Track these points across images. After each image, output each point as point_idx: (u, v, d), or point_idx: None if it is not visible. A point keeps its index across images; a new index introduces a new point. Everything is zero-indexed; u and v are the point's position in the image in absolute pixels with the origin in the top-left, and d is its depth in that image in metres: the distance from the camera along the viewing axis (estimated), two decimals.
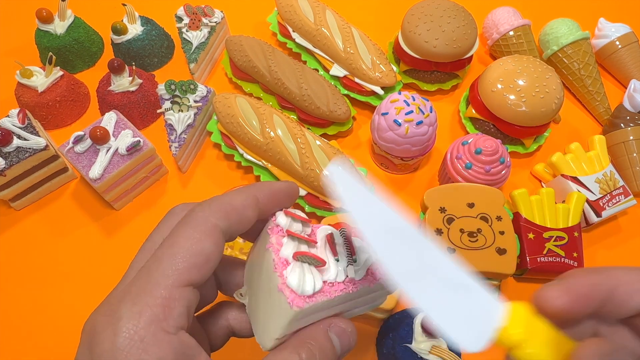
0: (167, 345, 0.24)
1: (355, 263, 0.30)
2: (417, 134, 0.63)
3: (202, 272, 0.26)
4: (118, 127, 0.65)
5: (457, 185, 0.61)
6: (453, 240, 0.56)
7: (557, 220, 0.61)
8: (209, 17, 0.79)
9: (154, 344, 0.23)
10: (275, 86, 0.72)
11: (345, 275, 0.29)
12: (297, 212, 0.31)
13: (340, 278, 0.29)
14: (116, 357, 0.23)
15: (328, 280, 0.28)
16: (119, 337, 0.23)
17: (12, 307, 0.61)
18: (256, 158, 0.67)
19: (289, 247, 0.28)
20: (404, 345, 0.52)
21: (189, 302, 0.25)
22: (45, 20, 0.75)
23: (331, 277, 0.28)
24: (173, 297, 0.25)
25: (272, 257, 0.28)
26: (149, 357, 0.23)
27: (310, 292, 0.27)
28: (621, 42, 0.80)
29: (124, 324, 0.23)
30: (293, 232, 0.29)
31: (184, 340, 0.25)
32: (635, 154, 0.70)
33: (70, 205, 0.69)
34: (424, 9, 0.73)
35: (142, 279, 0.25)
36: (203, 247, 0.26)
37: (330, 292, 0.28)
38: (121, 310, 0.24)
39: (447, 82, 0.79)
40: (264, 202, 0.30)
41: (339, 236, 0.30)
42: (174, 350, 0.24)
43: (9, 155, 0.62)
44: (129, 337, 0.23)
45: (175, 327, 0.24)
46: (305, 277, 0.27)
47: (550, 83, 0.67)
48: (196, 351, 0.25)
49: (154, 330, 0.24)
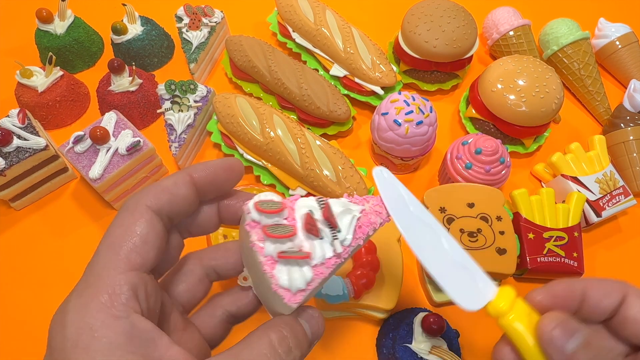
0: (117, 329, 0.24)
1: (340, 233, 0.30)
2: (417, 134, 0.63)
3: (142, 255, 0.27)
4: (118, 127, 0.65)
5: (457, 185, 0.61)
6: None
7: (557, 220, 0.61)
8: (209, 17, 0.79)
9: (103, 329, 0.23)
10: (275, 86, 0.72)
11: (333, 250, 0.30)
12: (266, 199, 0.30)
13: (329, 254, 0.30)
14: (65, 346, 0.23)
15: (317, 263, 0.29)
16: (67, 329, 0.24)
17: (12, 307, 0.61)
18: (256, 158, 0.67)
19: (271, 247, 0.29)
20: (404, 345, 0.52)
21: (135, 286, 0.25)
22: (45, 20, 0.75)
23: (319, 260, 0.29)
24: (117, 283, 0.25)
25: (258, 258, 0.29)
26: (98, 343, 0.23)
27: (302, 287, 0.28)
28: (621, 42, 0.80)
29: (70, 317, 0.24)
30: (270, 234, 0.29)
31: (137, 323, 0.24)
32: (635, 154, 0.70)
33: (70, 205, 0.69)
34: (424, 9, 0.73)
35: (86, 274, 0.26)
36: (136, 230, 0.27)
37: (322, 271, 0.29)
38: (69, 305, 0.25)
39: (447, 82, 0.79)
40: (199, 179, 0.30)
41: (318, 210, 0.31)
42: (126, 334, 0.24)
43: (9, 155, 0.62)
44: (77, 327, 0.24)
45: (124, 311, 0.24)
46: (294, 275, 0.28)
47: (550, 83, 0.67)
48: (155, 334, 0.25)
49: (102, 316, 0.24)
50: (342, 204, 0.31)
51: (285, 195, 0.68)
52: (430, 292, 0.61)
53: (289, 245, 0.29)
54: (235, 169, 0.32)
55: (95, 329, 0.23)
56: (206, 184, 0.31)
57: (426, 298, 0.62)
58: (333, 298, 0.53)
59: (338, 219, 0.30)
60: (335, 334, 0.59)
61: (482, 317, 0.61)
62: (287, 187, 0.66)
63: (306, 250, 0.29)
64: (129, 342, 0.24)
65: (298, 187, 0.65)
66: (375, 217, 0.32)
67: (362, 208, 0.32)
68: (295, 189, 0.65)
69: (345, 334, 0.59)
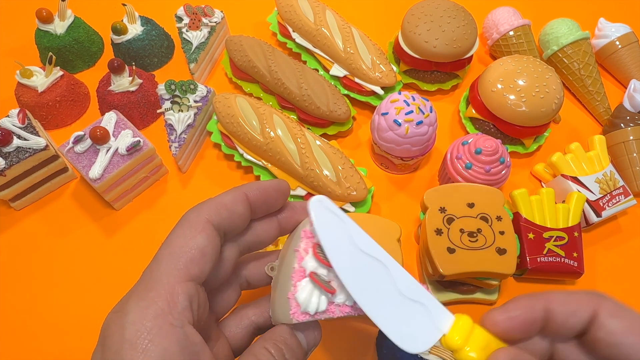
0: (172, 337, 0.24)
1: None
2: (417, 134, 0.63)
3: (200, 266, 0.27)
4: (118, 127, 0.65)
5: (457, 185, 0.61)
6: (453, 240, 0.56)
7: (557, 220, 0.61)
8: (209, 17, 0.79)
9: (160, 335, 0.24)
10: (275, 86, 0.72)
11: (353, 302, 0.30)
12: None
13: (350, 302, 0.30)
14: (123, 347, 0.24)
15: (336, 302, 0.30)
16: (127, 330, 0.24)
17: (12, 307, 0.61)
18: (256, 158, 0.67)
19: (310, 263, 0.30)
20: None
21: (191, 297, 0.26)
22: (45, 20, 0.75)
23: (340, 301, 0.30)
24: (175, 291, 0.26)
25: (294, 263, 0.30)
26: (155, 348, 0.24)
27: (311, 312, 0.29)
28: (621, 42, 0.80)
29: (131, 318, 0.25)
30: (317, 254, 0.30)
31: (189, 334, 0.25)
32: (635, 154, 0.70)
33: (70, 205, 0.69)
34: (424, 9, 0.73)
35: (145, 278, 0.27)
36: (197, 243, 0.28)
37: (334, 311, 0.30)
38: (129, 306, 0.25)
39: (447, 82, 0.79)
40: (254, 198, 0.32)
41: None
42: (179, 343, 0.25)
43: (9, 155, 0.62)
44: (136, 329, 0.24)
45: (180, 320, 0.25)
46: (312, 298, 0.29)
47: (550, 83, 0.67)
48: (200, 348, 0.26)
49: (160, 322, 0.24)
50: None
51: None
52: (430, 292, 0.61)
53: (325, 272, 0.30)
54: (284, 191, 0.34)
55: (153, 334, 0.24)
56: (259, 204, 0.32)
57: None
58: None
59: None
60: (335, 334, 0.59)
61: None
62: None
63: (335, 287, 0.30)
64: (181, 351, 0.24)
65: (298, 187, 0.65)
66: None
67: None
68: (295, 189, 0.65)
69: (345, 334, 0.59)
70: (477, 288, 0.60)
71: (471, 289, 0.60)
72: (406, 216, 0.68)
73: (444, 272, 0.54)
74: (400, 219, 0.65)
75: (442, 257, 0.55)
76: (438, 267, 0.54)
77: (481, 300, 0.61)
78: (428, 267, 0.57)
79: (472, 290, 0.60)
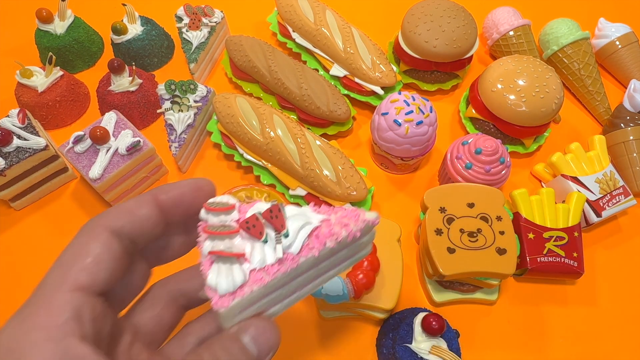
0: (47, 353, 0.22)
1: (287, 237, 0.28)
2: (417, 134, 0.63)
3: (92, 275, 0.25)
4: (118, 127, 0.65)
5: (457, 185, 0.61)
6: (453, 240, 0.56)
7: (557, 220, 0.61)
8: (209, 17, 0.79)
9: (33, 351, 0.22)
10: (275, 86, 0.72)
11: (276, 256, 0.27)
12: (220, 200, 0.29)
13: (270, 260, 0.27)
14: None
15: (256, 267, 0.27)
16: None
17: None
18: (256, 158, 0.67)
19: (209, 245, 0.27)
20: (404, 345, 0.52)
21: (79, 307, 0.24)
22: (45, 20, 0.75)
23: (258, 264, 0.27)
24: (58, 302, 0.24)
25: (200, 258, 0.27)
26: None
27: (230, 289, 0.26)
28: (621, 42, 0.80)
29: (5, 335, 0.23)
30: (208, 230, 0.27)
31: (72, 348, 0.23)
32: (635, 154, 0.70)
33: (70, 205, 0.69)
34: (424, 9, 0.73)
35: (33, 293, 0.25)
36: (89, 250, 0.26)
37: (261, 278, 0.27)
38: (7, 322, 0.24)
39: (447, 82, 0.79)
40: (164, 199, 0.29)
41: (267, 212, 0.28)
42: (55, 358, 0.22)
43: (9, 155, 0.62)
44: (7, 348, 0.23)
45: (61, 333, 0.23)
46: (220, 275, 0.26)
47: (550, 83, 0.67)
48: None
49: (34, 337, 0.22)
50: (299, 210, 0.29)
51: (285, 195, 0.68)
52: (430, 292, 0.61)
53: (228, 244, 0.27)
54: (204, 189, 0.31)
55: (25, 352, 0.22)
56: (172, 205, 0.30)
57: (426, 298, 0.62)
58: (333, 298, 0.53)
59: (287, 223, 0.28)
60: (335, 334, 0.59)
61: (482, 317, 0.61)
62: (287, 187, 0.66)
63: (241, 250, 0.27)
64: None
65: (298, 187, 0.65)
66: (340, 229, 0.28)
67: (324, 217, 0.29)
68: (295, 188, 0.65)
69: (345, 334, 0.59)
70: (477, 288, 0.60)
71: (471, 289, 0.60)
72: (406, 216, 0.68)
73: (444, 272, 0.54)
74: (400, 219, 0.65)
75: (442, 257, 0.55)
76: (438, 267, 0.54)
77: (481, 300, 0.61)
78: (428, 267, 0.57)
79: (472, 290, 0.60)
